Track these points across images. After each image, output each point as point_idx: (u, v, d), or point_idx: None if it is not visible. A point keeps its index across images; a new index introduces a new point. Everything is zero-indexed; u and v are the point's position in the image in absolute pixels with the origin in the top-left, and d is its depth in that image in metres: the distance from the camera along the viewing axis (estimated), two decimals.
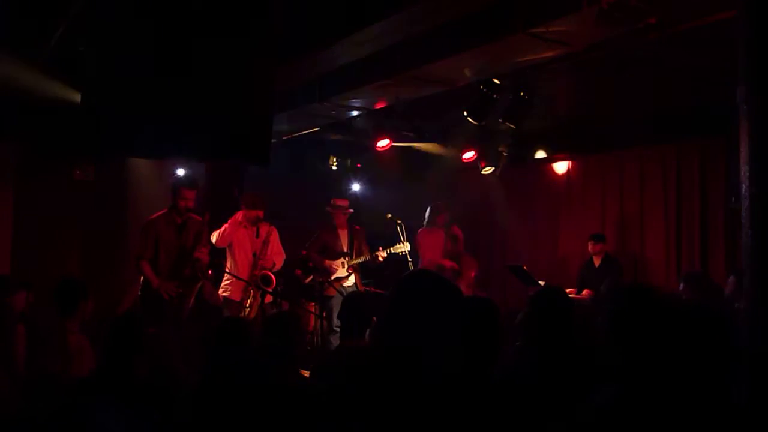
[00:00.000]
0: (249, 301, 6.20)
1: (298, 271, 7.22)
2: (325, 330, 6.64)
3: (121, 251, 7.16)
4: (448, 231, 7.56)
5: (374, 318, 3.60)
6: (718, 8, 3.88)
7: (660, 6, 3.97)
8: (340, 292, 6.63)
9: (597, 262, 7.25)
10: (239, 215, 6.32)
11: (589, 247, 7.31)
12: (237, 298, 6.23)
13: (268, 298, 6.17)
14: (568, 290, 7.19)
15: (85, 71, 3.51)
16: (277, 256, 6.45)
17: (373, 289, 7.80)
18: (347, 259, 7.00)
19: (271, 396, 2.56)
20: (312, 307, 7.08)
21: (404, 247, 6.78)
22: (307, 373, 3.70)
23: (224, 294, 6.29)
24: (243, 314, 6.05)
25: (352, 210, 7.24)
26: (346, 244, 7.07)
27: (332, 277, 6.91)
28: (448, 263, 7.22)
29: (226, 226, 6.27)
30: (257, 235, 6.27)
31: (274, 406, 2.50)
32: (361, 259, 7.01)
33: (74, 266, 7.22)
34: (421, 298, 1.82)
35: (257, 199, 6.36)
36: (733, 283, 5.21)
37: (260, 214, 6.26)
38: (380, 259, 6.94)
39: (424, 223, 7.70)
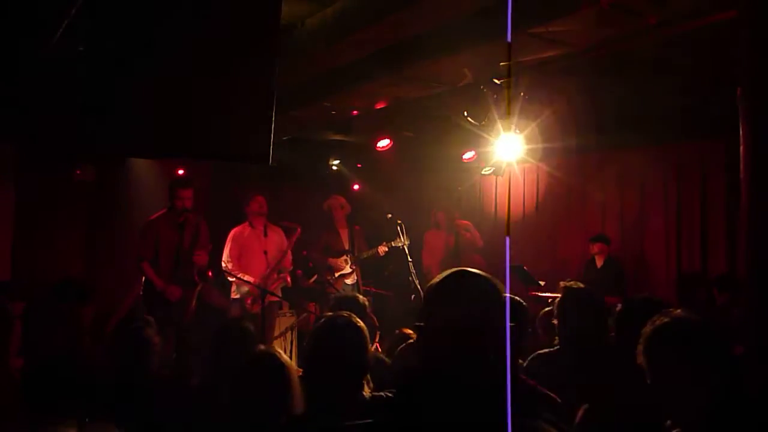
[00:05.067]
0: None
1: (299, 272, 7.21)
2: None
3: (122, 251, 7.16)
4: (451, 227, 7.51)
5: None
6: (718, 8, 3.88)
7: (660, 6, 3.97)
8: (340, 292, 6.62)
9: (599, 263, 7.21)
10: (237, 229, 6.35)
11: (590, 248, 7.29)
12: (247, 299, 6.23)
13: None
14: None
15: (85, 71, 3.51)
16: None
17: (373, 289, 7.80)
18: (350, 256, 6.99)
19: None
20: (312, 307, 7.07)
21: (405, 241, 6.76)
22: None
23: (234, 296, 6.30)
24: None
25: (350, 208, 7.22)
26: (347, 243, 7.06)
27: (337, 274, 6.90)
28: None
29: (229, 246, 6.28)
30: (265, 234, 6.28)
31: None
32: (367, 254, 7.00)
33: (75, 266, 7.22)
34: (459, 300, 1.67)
35: (249, 192, 6.45)
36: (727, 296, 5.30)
37: (261, 199, 6.31)
38: (381, 253, 6.92)
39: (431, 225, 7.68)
